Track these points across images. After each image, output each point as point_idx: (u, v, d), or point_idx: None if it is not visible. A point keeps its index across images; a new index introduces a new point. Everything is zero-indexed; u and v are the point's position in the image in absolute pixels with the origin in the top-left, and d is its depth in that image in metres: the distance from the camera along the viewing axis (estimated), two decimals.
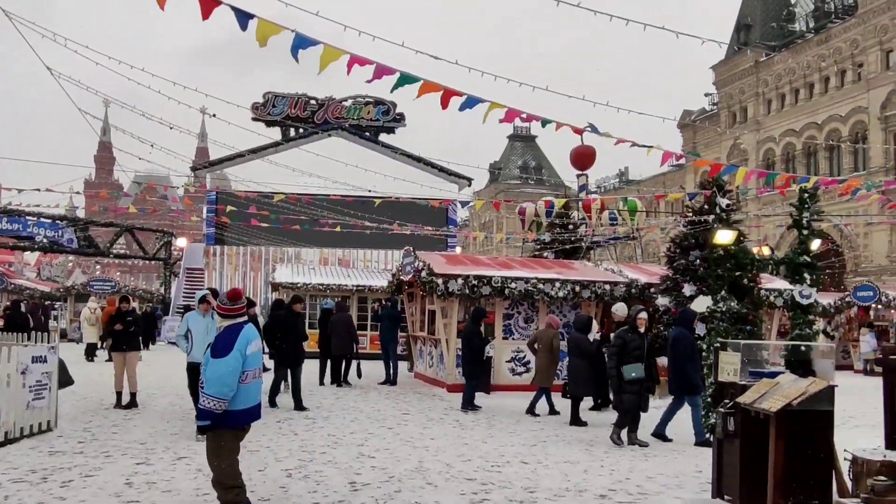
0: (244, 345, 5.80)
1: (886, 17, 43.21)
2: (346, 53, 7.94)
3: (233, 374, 5.69)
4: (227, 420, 5.79)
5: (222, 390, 5.67)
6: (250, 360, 5.84)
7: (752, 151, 52.99)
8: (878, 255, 42.81)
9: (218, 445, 5.91)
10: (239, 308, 6.03)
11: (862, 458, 5.43)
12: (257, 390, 6.10)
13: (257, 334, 6.10)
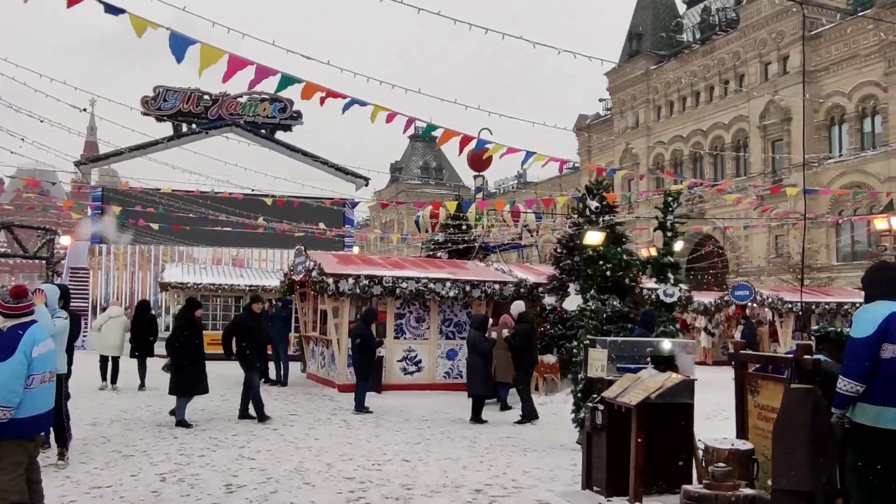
0: (29, 346, 5.28)
1: (765, 32, 45.66)
2: (225, 53, 7.82)
3: (16, 378, 5.18)
4: (11, 429, 5.21)
5: (7, 396, 5.13)
6: (37, 363, 5.34)
7: (643, 156, 54.98)
8: (758, 257, 45.13)
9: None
10: (24, 307, 5.56)
11: (712, 447, 5.75)
12: (46, 396, 5.56)
13: (46, 334, 5.65)
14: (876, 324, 4.65)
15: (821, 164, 42.90)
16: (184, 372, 11.31)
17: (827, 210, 41.02)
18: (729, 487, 4.95)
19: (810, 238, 40.41)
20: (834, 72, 43.09)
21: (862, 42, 41.25)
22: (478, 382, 12.32)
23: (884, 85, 40.54)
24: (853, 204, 41.07)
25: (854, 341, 4.79)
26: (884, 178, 38.74)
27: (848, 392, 4.75)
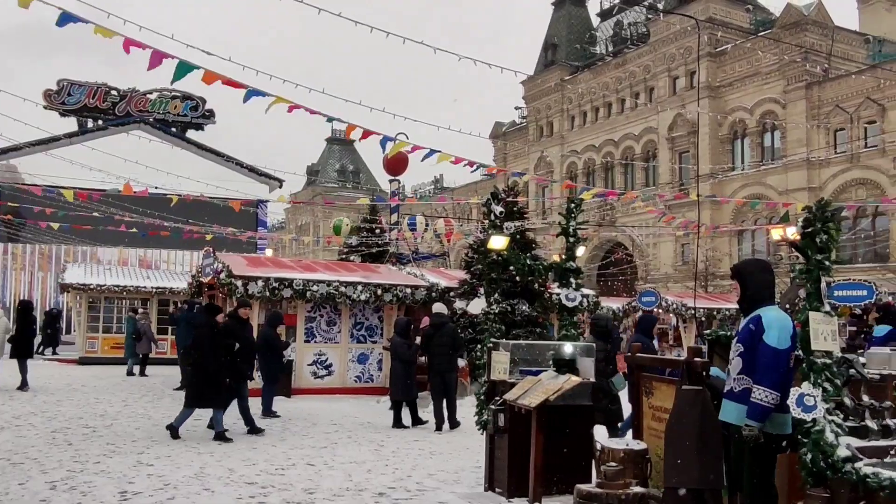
0: None
1: (674, 47, 47.27)
2: (120, 35, 7.61)
3: None
4: None
5: None
6: None
7: (557, 164, 56.03)
8: (666, 264, 46.60)
9: None
10: None
11: (607, 447, 5.89)
12: None
13: None
14: (790, 333, 4.73)
15: (725, 175, 44.64)
16: (212, 380, 10.46)
17: (730, 220, 42.72)
18: (620, 486, 5.09)
19: (714, 246, 42.04)
20: (737, 88, 44.95)
21: (763, 60, 43.16)
22: (399, 388, 12.28)
23: (783, 102, 42.54)
24: (753, 214, 42.88)
25: (776, 352, 4.71)
26: (782, 190, 40.58)
27: (769, 403, 4.66)
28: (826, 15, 42.79)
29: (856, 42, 44.37)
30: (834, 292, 19.63)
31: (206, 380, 10.39)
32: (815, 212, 4.31)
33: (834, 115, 40.79)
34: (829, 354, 4.29)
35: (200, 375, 10.49)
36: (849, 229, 39.73)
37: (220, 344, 10.60)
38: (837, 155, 40.74)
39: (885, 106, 38.57)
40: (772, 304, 4.98)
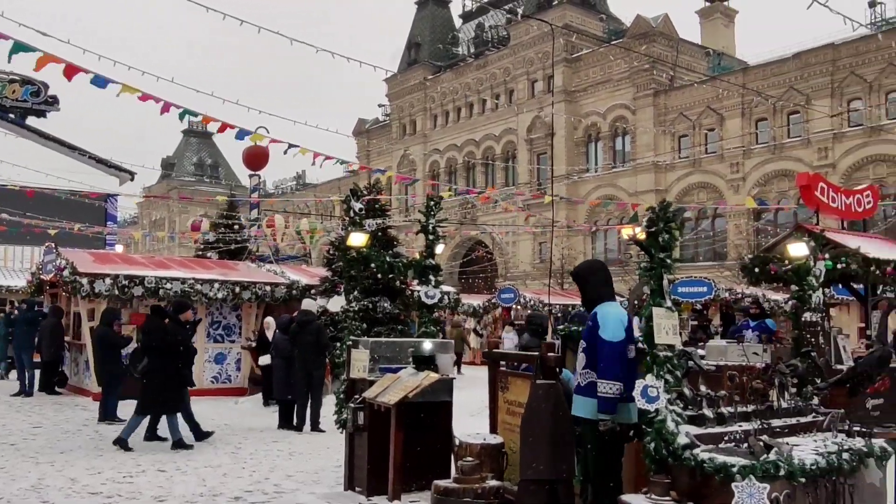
0: None
1: (532, 52, 48.72)
2: None
3: None
4: None
5: None
6: None
7: (420, 162, 56.45)
8: (524, 262, 47.93)
9: None
10: None
11: (465, 443, 6.00)
12: None
13: None
14: (624, 325, 5.00)
15: (579, 177, 46.49)
16: (166, 385, 9.80)
17: (584, 219, 44.50)
18: (476, 480, 5.18)
19: (570, 245, 43.65)
20: (591, 93, 46.90)
21: (615, 68, 45.27)
22: (280, 387, 11.98)
23: (633, 108, 44.77)
24: (606, 214, 44.90)
25: (611, 345, 4.94)
26: (632, 192, 42.69)
27: (612, 394, 4.87)
28: (672, 28, 45.38)
29: (698, 54, 47.32)
30: (677, 289, 20.85)
31: (161, 384, 9.82)
32: (657, 212, 4.55)
33: (678, 122, 43.34)
34: (670, 348, 4.54)
35: (156, 380, 9.85)
36: (691, 230, 42.36)
37: (174, 347, 10.01)
38: (681, 159, 43.33)
39: (723, 115, 41.38)
40: (610, 300, 5.21)
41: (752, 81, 38.81)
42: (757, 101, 37.83)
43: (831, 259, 8.95)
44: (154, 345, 10.02)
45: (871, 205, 11.16)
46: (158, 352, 9.92)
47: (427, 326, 7.35)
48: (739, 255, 24.25)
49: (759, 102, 37.81)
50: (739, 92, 36.66)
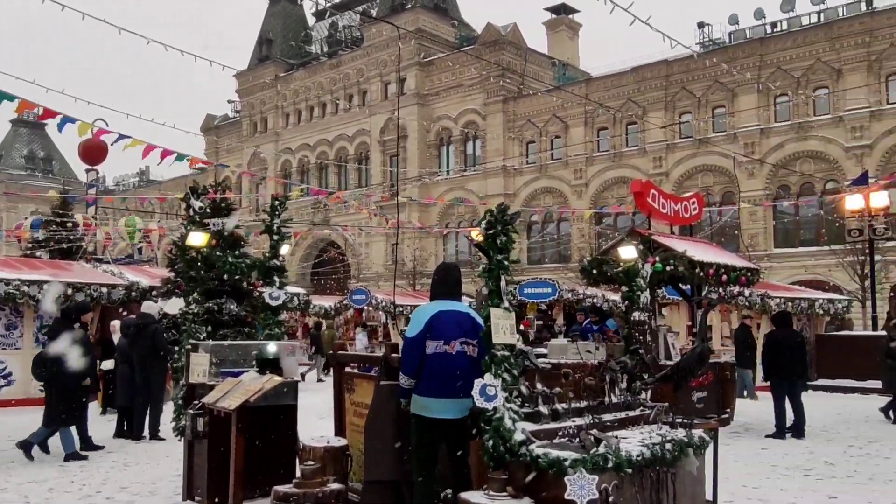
0: None
1: (386, 54, 48.86)
2: None
3: None
4: None
5: None
6: None
7: (272, 161, 55.28)
8: (377, 263, 47.96)
9: None
10: None
11: (309, 446, 5.92)
12: None
13: None
14: (423, 323, 5.13)
15: (431, 179, 47.07)
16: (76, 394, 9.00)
17: (436, 221, 45.11)
18: (317, 484, 5.12)
19: (421, 246, 44.10)
20: (443, 97, 47.63)
21: (466, 74, 46.21)
22: (123, 393, 11.29)
23: (483, 113, 45.86)
24: (457, 217, 45.74)
25: (407, 340, 5.17)
26: (482, 195, 43.70)
27: (405, 385, 5.16)
28: (520, 37, 46.89)
29: (545, 64, 49.16)
30: (524, 290, 21.55)
31: (72, 394, 9.16)
32: (495, 215, 4.68)
33: (526, 128, 44.83)
34: (508, 347, 4.68)
35: (69, 390, 9.11)
36: (538, 233, 43.97)
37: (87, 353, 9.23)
38: (529, 165, 44.84)
39: (568, 123, 43.19)
40: (442, 299, 5.29)
41: (594, 92, 40.76)
42: (599, 111, 39.75)
43: (661, 261, 9.53)
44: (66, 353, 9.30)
45: (697, 211, 11.99)
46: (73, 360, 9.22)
47: (272, 328, 7.20)
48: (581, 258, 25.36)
49: (600, 112, 39.73)
50: (582, 102, 38.38)
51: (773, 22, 38.09)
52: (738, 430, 11.49)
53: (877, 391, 16.38)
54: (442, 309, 5.16)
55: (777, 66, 36.34)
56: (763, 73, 36.19)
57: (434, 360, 5.03)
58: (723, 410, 11.71)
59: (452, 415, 5.03)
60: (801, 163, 35.87)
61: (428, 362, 5.04)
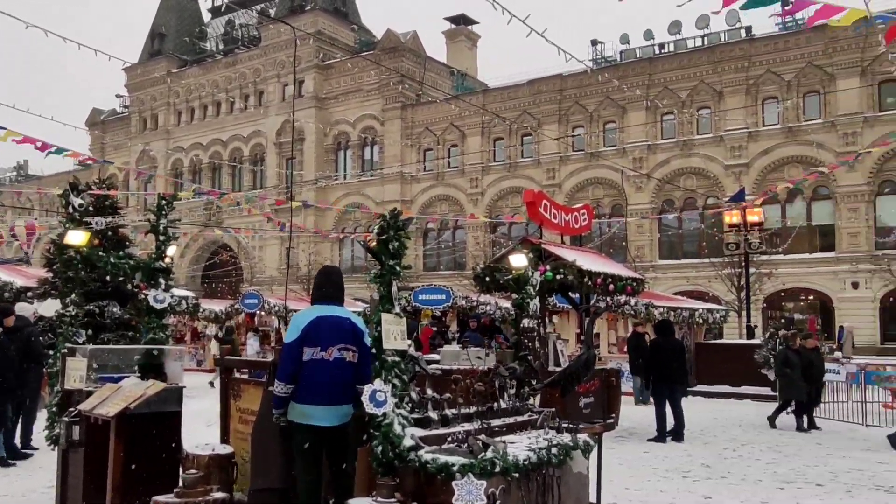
0: None
1: (284, 55, 48.11)
2: None
3: None
4: None
5: None
6: None
7: (162, 159, 53.44)
8: (271, 267, 47.05)
9: None
10: None
11: (192, 454, 5.73)
12: None
13: None
14: (300, 329, 4.99)
15: (328, 183, 46.62)
16: None
17: (332, 226, 44.70)
18: (200, 493, 4.96)
19: (316, 251, 43.58)
20: (342, 101, 47.33)
21: (365, 79, 46.08)
22: None
23: (381, 119, 45.84)
24: (353, 222, 45.45)
25: (284, 345, 5.04)
26: (379, 201, 43.63)
27: (280, 393, 4.96)
28: (420, 45, 47.15)
29: (443, 73, 49.61)
30: (419, 296, 21.61)
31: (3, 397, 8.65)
32: (388, 220, 4.68)
33: (424, 136, 45.09)
34: (399, 353, 4.68)
35: None
36: (434, 240, 44.25)
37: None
38: (426, 172, 45.10)
39: (465, 132, 43.70)
40: (321, 303, 5.20)
41: (491, 103, 41.42)
42: (495, 122, 40.42)
43: (551, 270, 9.76)
44: None
45: (587, 222, 12.34)
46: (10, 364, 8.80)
47: (156, 333, 6.94)
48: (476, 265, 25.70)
49: (497, 123, 40.42)
50: (479, 112, 38.94)
51: (661, 43, 39.76)
52: (622, 435, 11.87)
53: (750, 397, 17.32)
54: (321, 314, 5.04)
55: (664, 85, 37.95)
56: (651, 91, 37.72)
57: (310, 366, 4.92)
58: (608, 415, 12.08)
59: (331, 422, 4.96)
60: (685, 178, 37.54)
61: (304, 369, 4.92)
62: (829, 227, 34.56)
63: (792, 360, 12.95)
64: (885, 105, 33.52)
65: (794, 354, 13.10)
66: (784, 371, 13.02)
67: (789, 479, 8.68)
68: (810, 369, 13.03)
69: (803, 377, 12.86)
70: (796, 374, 12.81)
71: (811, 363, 13.10)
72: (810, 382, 12.97)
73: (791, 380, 12.86)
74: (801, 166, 33.94)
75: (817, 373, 13.26)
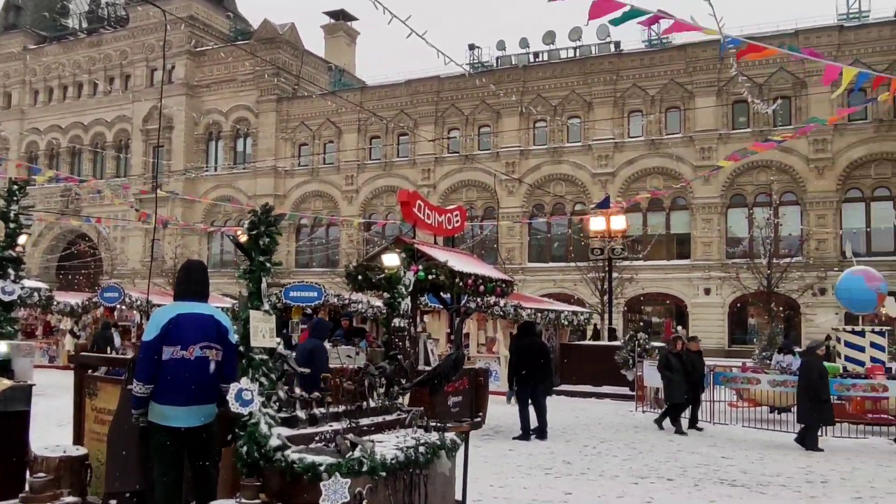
0: None
1: (153, 38, 46.14)
2: None
3: None
4: None
5: None
6: None
7: (15, 141, 50.08)
8: (133, 259, 44.99)
9: None
10: None
11: (41, 456, 5.41)
12: None
13: None
14: (159, 327, 4.78)
15: (198, 174, 45.09)
16: None
17: (201, 218, 43.26)
18: (48, 498, 4.69)
19: (184, 243, 42.04)
20: (214, 90, 45.89)
21: (240, 68, 44.87)
22: None
23: (256, 111, 44.78)
24: (224, 215, 44.16)
25: (142, 344, 4.84)
26: (251, 195, 42.61)
27: (139, 393, 4.76)
28: (298, 38, 46.41)
29: (321, 68, 49.04)
30: (289, 293, 21.27)
31: None
32: (259, 215, 4.58)
33: (299, 130, 44.42)
34: (267, 351, 4.59)
35: None
36: (307, 236, 43.68)
37: None
38: (301, 167, 44.44)
39: (342, 129, 43.39)
40: (183, 300, 5.01)
41: (368, 101, 41.31)
42: (372, 120, 40.33)
43: (424, 270, 9.85)
44: None
45: (460, 223, 12.53)
46: None
47: (4, 326, 6.48)
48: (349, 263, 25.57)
49: (373, 121, 40.35)
50: (357, 109, 38.75)
51: (536, 52, 40.90)
52: (489, 433, 12.12)
53: (611, 396, 18.09)
54: (181, 311, 4.84)
55: (537, 93, 39.06)
56: (525, 98, 38.73)
57: (170, 366, 4.72)
58: (476, 414, 12.32)
59: (192, 423, 4.79)
60: (555, 184, 38.79)
61: (164, 368, 4.72)
62: (685, 236, 36.63)
63: (673, 364, 13.05)
64: (737, 123, 35.90)
65: (676, 358, 13.15)
66: (665, 374, 13.16)
67: (643, 474, 9.14)
68: (692, 372, 13.13)
69: (685, 380, 13.00)
70: (677, 376, 12.94)
71: (693, 366, 13.20)
72: (692, 385, 13.10)
73: (672, 382, 12.99)
74: (663, 177, 35.84)
75: (698, 375, 13.35)
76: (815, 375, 11.51)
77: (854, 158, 33.78)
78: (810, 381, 11.48)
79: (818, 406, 11.41)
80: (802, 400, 11.71)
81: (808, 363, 11.95)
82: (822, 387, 11.45)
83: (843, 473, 9.41)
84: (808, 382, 11.50)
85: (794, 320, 33.52)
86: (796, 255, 32.35)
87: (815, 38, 33.56)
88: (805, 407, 11.59)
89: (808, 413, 11.48)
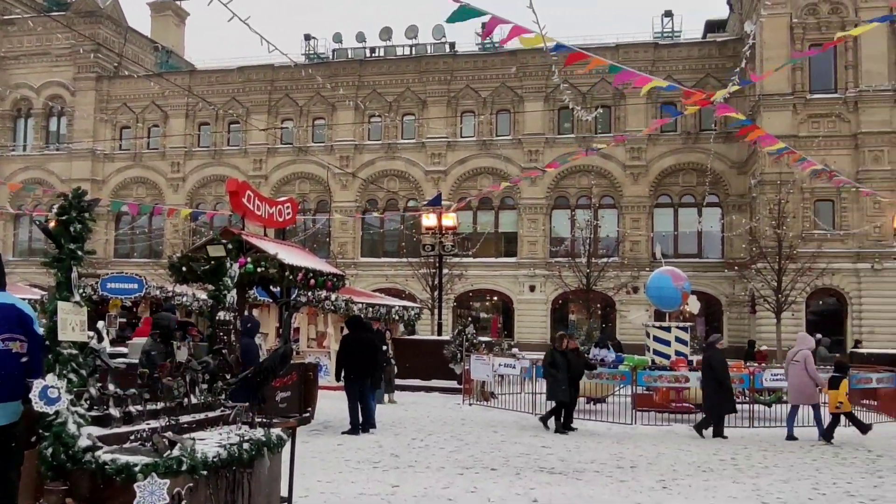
0: None
1: None
2: None
3: None
4: None
5: None
6: None
7: None
8: None
9: None
10: None
11: None
12: None
13: None
14: None
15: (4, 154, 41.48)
16: None
17: (7, 202, 39.78)
18: None
19: None
20: (25, 63, 42.37)
21: (54, 42, 41.67)
22: None
23: (72, 89, 41.74)
24: (33, 199, 40.84)
25: None
26: (65, 178, 39.66)
27: None
28: (121, 13, 43.73)
29: (147, 47, 46.47)
30: (107, 285, 20.01)
31: None
32: (71, 200, 4.26)
33: (121, 112, 41.90)
34: (77, 345, 4.28)
35: None
36: (127, 225, 41.28)
37: None
38: (122, 151, 41.94)
39: (168, 113, 41.35)
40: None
41: (197, 85, 39.65)
42: (201, 105, 38.73)
43: (252, 262, 9.57)
44: None
45: (291, 216, 12.27)
46: None
47: None
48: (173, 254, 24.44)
49: (203, 107, 38.76)
50: (185, 93, 37.07)
51: (373, 47, 40.90)
52: (318, 428, 12.00)
53: (439, 389, 18.43)
54: None
55: (373, 88, 39.10)
56: (360, 92, 38.66)
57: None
58: (305, 409, 12.15)
59: None
60: (389, 180, 38.99)
61: None
62: (512, 235, 38.00)
63: (558, 362, 12.70)
64: (562, 129, 37.68)
65: (560, 356, 12.82)
66: (550, 372, 12.83)
67: (468, 465, 9.38)
68: (570, 370, 12.83)
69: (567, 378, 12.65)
70: (562, 375, 12.56)
71: (570, 363, 12.87)
72: (570, 383, 12.77)
73: (556, 380, 12.63)
74: (492, 177, 36.95)
75: (576, 373, 13.11)
76: (719, 366, 12.34)
77: (665, 167, 36.44)
78: (715, 370, 12.26)
79: (722, 396, 12.17)
80: (709, 391, 12.41)
81: (711, 356, 12.73)
82: (724, 376, 12.30)
83: (649, 458, 10.11)
84: (713, 372, 12.27)
85: (610, 316, 35.72)
86: (613, 256, 34.52)
87: (633, 53, 35.88)
88: (712, 397, 12.30)
89: (719, 403, 12.18)
